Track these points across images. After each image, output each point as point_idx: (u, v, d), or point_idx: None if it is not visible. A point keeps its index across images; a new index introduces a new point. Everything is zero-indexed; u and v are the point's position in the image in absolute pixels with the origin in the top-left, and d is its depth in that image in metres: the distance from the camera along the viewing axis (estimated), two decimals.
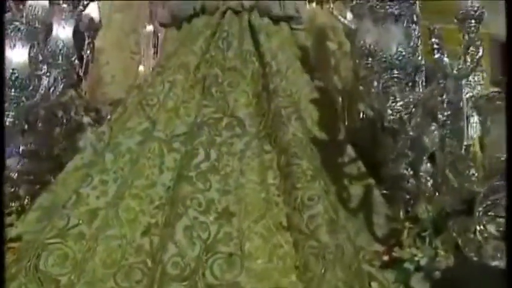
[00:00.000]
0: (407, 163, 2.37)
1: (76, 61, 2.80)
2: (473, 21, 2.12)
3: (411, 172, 2.37)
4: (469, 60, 2.14)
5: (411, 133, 1.99)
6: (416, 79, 2.27)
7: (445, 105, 2.02)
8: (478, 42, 2.10)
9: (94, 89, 3.16)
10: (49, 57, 2.30)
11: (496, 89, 2.18)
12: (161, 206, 2.26)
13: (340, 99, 3.06)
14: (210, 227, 2.11)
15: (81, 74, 2.94)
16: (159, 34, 3.49)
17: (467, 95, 2.27)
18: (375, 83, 2.06)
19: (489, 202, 1.77)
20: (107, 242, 2.12)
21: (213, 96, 2.58)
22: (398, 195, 2.31)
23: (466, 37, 2.15)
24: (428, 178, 2.21)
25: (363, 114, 2.94)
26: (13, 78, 2.05)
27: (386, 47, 1.93)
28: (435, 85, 2.04)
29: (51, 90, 2.35)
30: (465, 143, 2.18)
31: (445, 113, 2.03)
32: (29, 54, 2.12)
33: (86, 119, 2.94)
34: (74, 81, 2.94)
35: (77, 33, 2.83)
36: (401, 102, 1.91)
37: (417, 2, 2.59)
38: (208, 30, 2.89)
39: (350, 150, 2.50)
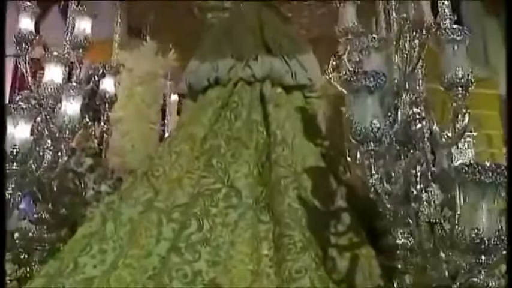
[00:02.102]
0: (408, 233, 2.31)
1: (93, 132, 2.97)
2: (460, 88, 2.08)
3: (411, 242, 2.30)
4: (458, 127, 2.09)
5: (388, 205, 1.94)
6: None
7: (418, 178, 1.96)
8: (464, 110, 2.05)
9: (115, 158, 3.29)
10: (55, 131, 2.45)
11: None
12: (154, 276, 2.28)
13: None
14: None
15: (97, 144, 3.08)
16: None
17: (458, 162, 2.19)
18: (358, 155, 2.04)
19: (463, 280, 1.68)
20: None
21: (213, 167, 2.63)
22: (393, 266, 2.24)
23: (454, 104, 2.11)
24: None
25: None
26: (14, 153, 2.18)
27: (361, 119, 1.91)
28: (412, 158, 1.99)
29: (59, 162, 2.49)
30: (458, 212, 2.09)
31: (418, 186, 1.96)
32: (32, 130, 2.26)
33: (104, 188, 3.05)
34: (94, 151, 3.08)
35: (93, 106, 3.02)
36: (376, 176, 1.87)
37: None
38: (219, 101, 2.99)
39: (347, 220, 2.45)
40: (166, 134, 3.75)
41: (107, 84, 3.10)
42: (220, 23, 3.51)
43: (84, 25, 2.74)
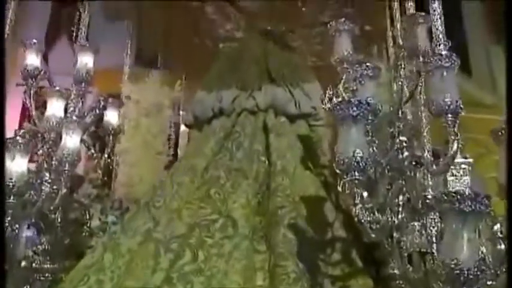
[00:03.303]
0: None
1: (99, 163, 3.03)
2: (449, 115, 2.05)
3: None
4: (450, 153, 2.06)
5: (373, 235, 1.91)
6: None
7: (400, 208, 1.93)
8: (453, 137, 2.01)
9: (122, 189, 3.33)
10: (54, 164, 2.50)
11: None
12: None
13: None
14: None
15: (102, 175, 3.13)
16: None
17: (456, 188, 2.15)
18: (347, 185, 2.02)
19: None
20: None
21: (211, 198, 2.64)
22: None
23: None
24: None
25: None
26: (10, 186, 2.24)
27: (344, 149, 1.90)
28: (396, 187, 1.96)
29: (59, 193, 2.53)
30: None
31: (399, 216, 1.93)
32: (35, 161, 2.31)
33: (111, 218, 3.09)
34: (100, 182, 3.13)
35: (99, 137, 3.09)
36: (359, 206, 1.85)
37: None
38: (222, 132, 3.01)
39: (343, 250, 2.41)
40: None
41: (111, 116, 3.16)
42: (227, 54, 3.56)
43: (86, 60, 2.82)
